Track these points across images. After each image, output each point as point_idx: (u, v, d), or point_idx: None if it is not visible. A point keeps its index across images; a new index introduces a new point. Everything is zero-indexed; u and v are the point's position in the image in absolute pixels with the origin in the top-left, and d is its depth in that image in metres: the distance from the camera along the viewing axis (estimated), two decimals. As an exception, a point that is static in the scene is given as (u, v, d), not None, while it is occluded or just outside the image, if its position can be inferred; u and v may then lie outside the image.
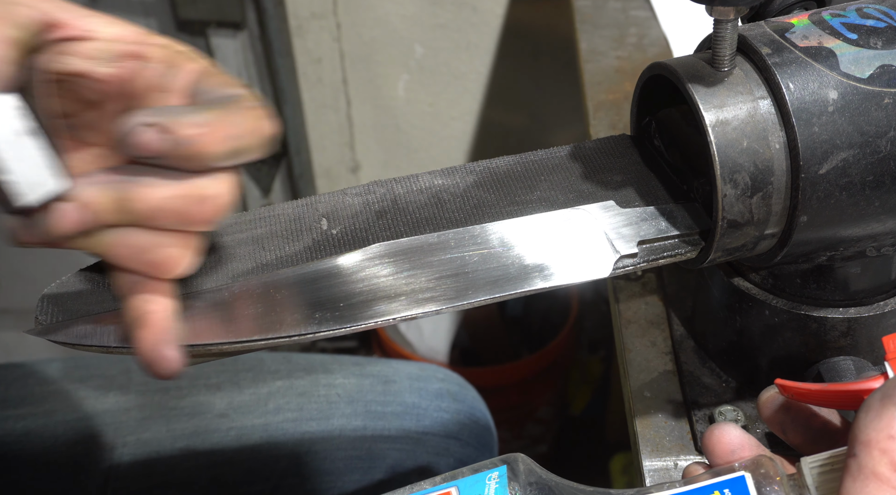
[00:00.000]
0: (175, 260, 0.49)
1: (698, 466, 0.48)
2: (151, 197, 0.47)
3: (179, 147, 0.45)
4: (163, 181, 0.47)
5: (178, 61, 0.50)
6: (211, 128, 0.46)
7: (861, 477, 0.40)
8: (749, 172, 0.53)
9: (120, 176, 0.47)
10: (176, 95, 0.49)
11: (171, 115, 0.45)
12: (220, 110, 0.47)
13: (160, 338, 0.49)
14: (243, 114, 0.47)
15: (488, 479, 0.45)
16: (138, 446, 0.87)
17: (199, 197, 0.47)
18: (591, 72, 0.95)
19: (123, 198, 0.47)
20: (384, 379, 0.96)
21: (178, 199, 0.47)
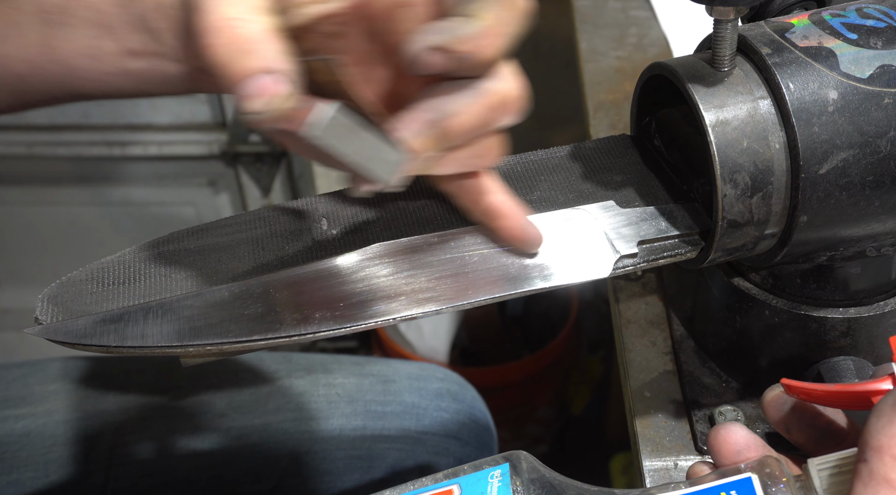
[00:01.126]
0: (491, 153, 0.52)
1: (703, 466, 0.48)
2: (462, 125, 0.49)
3: (464, 61, 0.47)
4: (465, 100, 0.48)
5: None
6: (486, 36, 0.46)
7: (872, 482, 0.40)
8: (749, 172, 0.53)
9: (424, 109, 0.48)
10: (421, 7, 0.49)
11: (448, 33, 0.46)
12: (486, 13, 0.47)
13: (520, 221, 0.53)
14: (505, 5, 0.48)
15: (490, 477, 0.45)
16: (138, 446, 0.87)
17: (500, 102, 0.49)
18: (591, 72, 0.95)
19: (441, 136, 0.48)
20: (384, 378, 0.96)
21: (483, 115, 0.49)
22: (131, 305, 0.52)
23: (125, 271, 0.54)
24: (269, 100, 0.44)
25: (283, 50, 0.45)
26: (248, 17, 0.45)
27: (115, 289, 0.53)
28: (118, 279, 0.53)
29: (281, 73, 0.45)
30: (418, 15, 0.49)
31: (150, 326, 0.51)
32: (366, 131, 0.47)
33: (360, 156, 0.47)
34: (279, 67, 0.45)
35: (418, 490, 0.45)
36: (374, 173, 0.47)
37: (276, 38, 0.46)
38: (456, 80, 0.49)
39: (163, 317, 0.51)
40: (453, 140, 0.49)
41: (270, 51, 0.45)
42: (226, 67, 0.45)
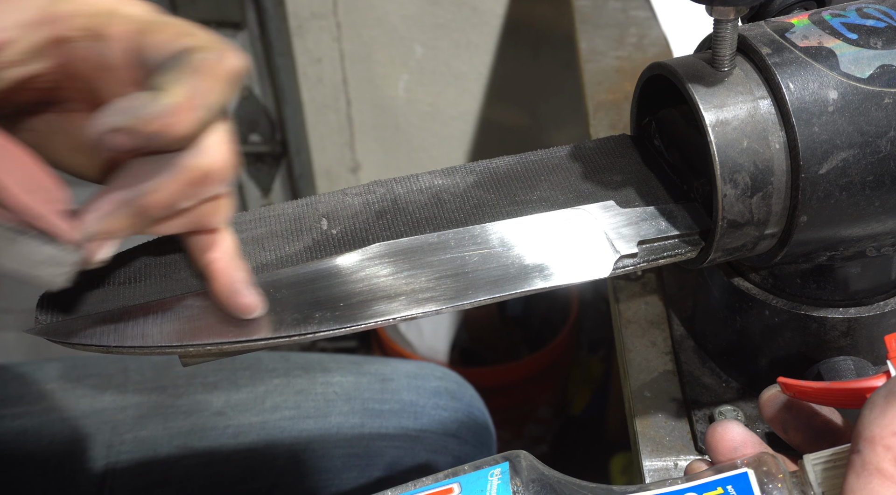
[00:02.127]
0: (212, 215, 0.49)
1: (701, 463, 0.48)
2: (160, 202, 0.46)
3: (153, 140, 0.44)
4: (161, 177, 0.46)
5: (99, 30, 0.46)
6: (176, 112, 0.43)
7: (865, 473, 0.40)
8: (749, 172, 0.53)
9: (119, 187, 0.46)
10: (123, 71, 0.46)
11: (132, 112, 0.43)
12: (177, 86, 0.43)
13: (231, 288, 0.50)
14: (205, 72, 0.44)
15: (490, 476, 0.45)
16: (136, 445, 0.87)
17: (200, 176, 0.47)
18: (591, 72, 0.95)
19: (138, 214, 0.46)
20: (382, 377, 0.96)
21: (182, 190, 0.47)
22: (131, 305, 0.52)
23: (125, 271, 0.54)
24: None
25: None
26: None
27: (115, 289, 0.53)
28: (118, 279, 0.53)
29: None
30: (121, 80, 0.47)
31: (150, 326, 0.51)
32: (19, 239, 0.44)
33: (20, 265, 0.44)
34: None
35: (419, 489, 0.45)
36: (41, 279, 0.45)
37: None
38: (153, 156, 0.46)
39: (163, 317, 0.51)
40: (153, 216, 0.47)
41: None
42: None
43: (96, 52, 0.46)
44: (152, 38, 0.45)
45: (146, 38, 0.46)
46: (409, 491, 0.45)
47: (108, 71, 0.47)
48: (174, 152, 0.46)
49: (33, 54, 0.46)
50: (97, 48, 0.46)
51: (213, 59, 0.44)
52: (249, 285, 0.51)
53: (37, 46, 0.46)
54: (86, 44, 0.46)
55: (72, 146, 0.51)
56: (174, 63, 0.44)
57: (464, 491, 0.44)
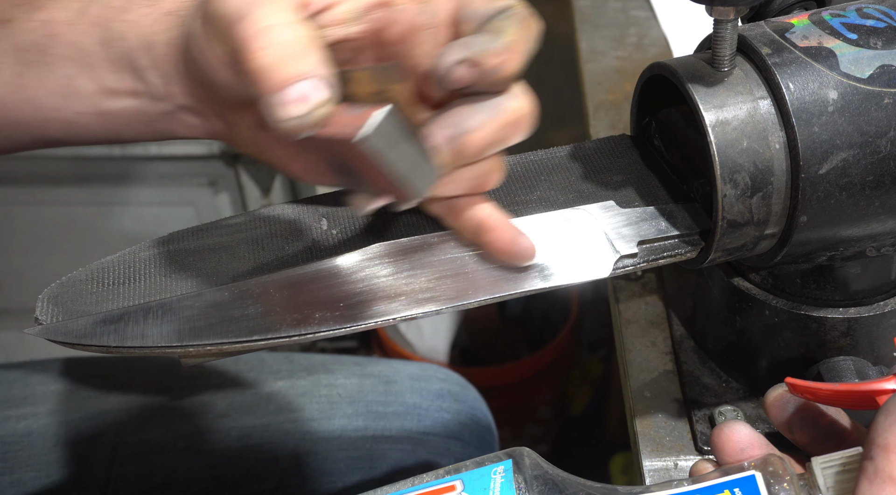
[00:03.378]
0: (493, 175, 0.53)
1: (706, 464, 0.48)
2: (479, 141, 0.50)
3: (489, 75, 0.48)
4: (482, 117, 0.50)
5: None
6: (510, 51, 0.48)
7: (878, 480, 0.40)
8: (749, 172, 0.53)
9: (443, 124, 0.50)
10: (441, 29, 0.51)
11: (476, 48, 0.48)
12: (509, 31, 0.49)
13: (510, 234, 0.53)
14: (523, 25, 0.50)
15: (493, 473, 0.45)
16: (140, 446, 0.87)
17: (514, 119, 0.51)
18: (591, 72, 0.95)
19: (459, 152, 0.50)
20: (385, 379, 0.96)
21: (499, 131, 0.50)
22: (131, 305, 0.52)
23: (125, 271, 0.54)
24: (311, 104, 0.45)
25: (324, 56, 0.46)
26: (293, 23, 0.46)
27: (115, 289, 0.53)
28: (118, 279, 0.53)
29: (325, 77, 0.46)
30: (436, 38, 0.51)
31: (150, 326, 0.51)
32: (411, 139, 0.47)
33: (404, 165, 0.47)
34: (323, 72, 0.46)
35: (421, 486, 0.45)
36: (413, 185, 0.48)
37: (316, 44, 0.46)
38: (472, 97, 0.50)
39: (163, 317, 0.51)
40: (469, 157, 0.50)
41: (315, 56, 0.46)
42: (269, 72, 0.45)
43: (420, 13, 0.50)
44: (473, 3, 0.50)
45: (467, 4, 0.51)
46: (411, 487, 0.45)
47: (426, 32, 0.51)
48: (493, 95, 0.50)
49: (356, 16, 0.50)
50: (422, 9, 0.50)
51: (529, 15, 0.50)
52: (521, 233, 0.53)
53: (361, 8, 0.50)
54: (410, 6, 0.50)
55: None
56: (505, 14, 0.50)
57: (467, 488, 0.44)
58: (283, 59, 0.45)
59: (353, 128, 0.46)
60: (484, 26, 0.49)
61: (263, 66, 0.45)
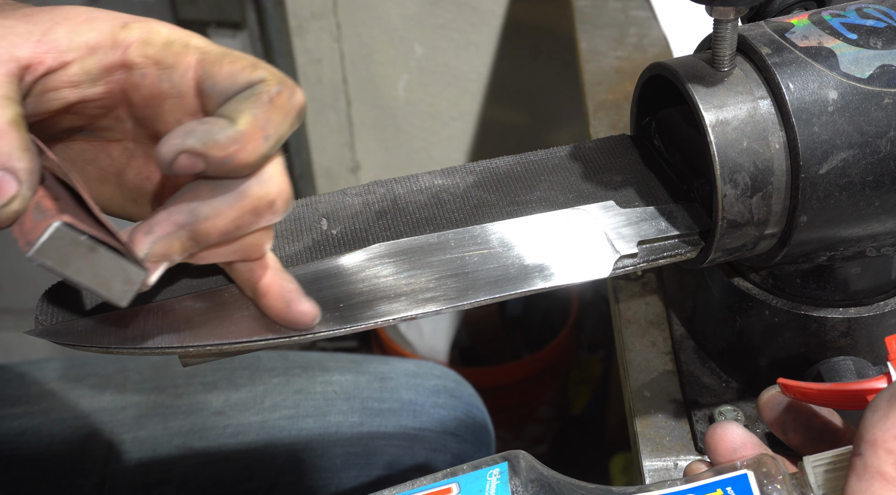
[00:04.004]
0: (256, 248, 0.49)
1: (700, 464, 0.48)
2: (216, 228, 0.46)
3: (221, 166, 0.44)
4: (221, 203, 0.46)
5: (169, 59, 0.47)
6: (244, 140, 0.44)
7: (866, 476, 0.40)
8: (749, 172, 0.53)
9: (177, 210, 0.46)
10: (187, 99, 0.47)
11: (199, 138, 0.43)
12: (244, 116, 0.44)
13: (283, 300, 0.50)
14: (272, 104, 0.45)
15: (489, 475, 0.45)
16: (135, 444, 0.87)
17: (259, 205, 0.47)
18: (591, 72, 0.95)
19: (193, 238, 0.46)
20: (381, 376, 0.96)
21: (240, 218, 0.47)
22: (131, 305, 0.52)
23: (125, 271, 0.54)
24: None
25: (22, 145, 0.43)
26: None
27: (115, 288, 0.53)
28: (118, 279, 0.53)
29: (15, 171, 0.42)
30: (182, 107, 0.47)
31: (150, 326, 0.51)
32: (97, 249, 0.43)
33: (90, 277, 0.43)
34: (13, 165, 0.42)
35: (417, 489, 0.45)
36: (107, 296, 0.44)
37: (14, 131, 0.43)
38: (214, 180, 0.46)
39: (163, 318, 0.51)
40: (207, 242, 0.47)
41: (6, 146, 0.42)
42: None
43: (161, 81, 0.47)
44: (221, 68, 0.46)
45: (215, 69, 0.46)
46: (408, 490, 0.45)
47: (171, 100, 0.47)
48: (235, 179, 0.46)
49: (92, 78, 0.46)
50: (163, 77, 0.47)
51: (284, 94, 0.45)
52: (301, 294, 0.51)
53: (97, 70, 0.46)
54: (151, 72, 0.47)
55: (100, 176, 0.52)
56: (246, 94, 0.45)
57: (462, 491, 0.44)
58: None
59: (26, 240, 0.42)
60: (222, 107, 0.45)
61: None
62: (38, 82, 0.45)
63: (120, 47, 0.46)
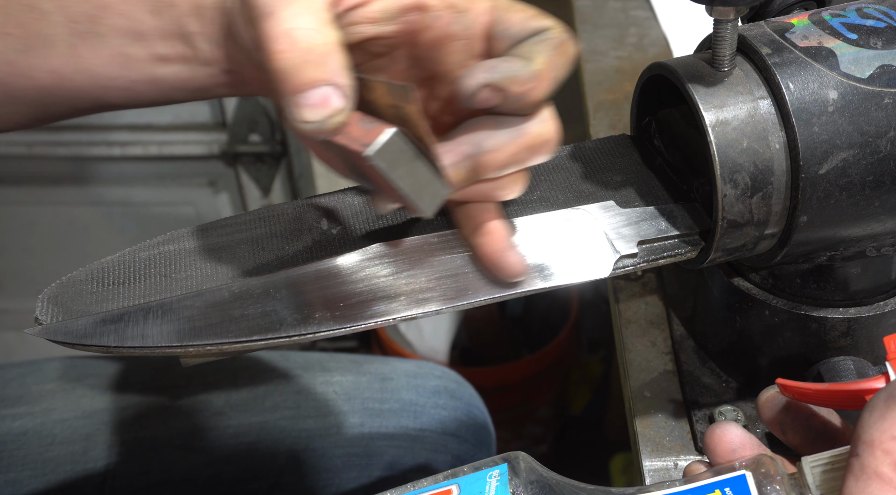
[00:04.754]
0: (513, 186, 0.52)
1: (699, 465, 0.48)
2: (496, 161, 0.50)
3: (513, 101, 0.48)
4: (503, 138, 0.49)
5: (463, 3, 0.50)
6: (539, 79, 0.48)
7: (864, 476, 0.40)
8: (749, 172, 0.53)
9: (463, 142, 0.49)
10: (475, 41, 0.50)
11: (502, 73, 0.47)
12: (539, 57, 0.48)
13: (503, 244, 0.53)
14: (558, 51, 0.49)
15: (489, 477, 0.45)
16: (136, 444, 0.87)
17: (536, 144, 0.50)
18: (591, 72, 0.95)
19: (474, 169, 0.50)
20: (382, 376, 0.96)
21: (518, 154, 0.50)
22: (131, 305, 0.52)
23: (125, 271, 0.54)
24: (327, 112, 0.46)
25: (347, 65, 0.46)
26: (317, 27, 0.46)
27: (115, 289, 0.53)
28: (118, 279, 0.53)
29: (342, 87, 0.46)
30: (469, 49, 0.51)
31: (150, 326, 0.51)
32: (418, 160, 0.48)
33: (409, 184, 0.47)
34: (341, 82, 0.46)
35: (417, 491, 0.45)
36: (418, 204, 0.48)
37: (340, 51, 0.47)
38: (497, 116, 0.50)
39: (163, 317, 0.51)
40: (485, 174, 0.50)
41: (335, 64, 0.46)
42: (289, 75, 0.46)
43: (453, 24, 0.50)
44: (510, 15, 0.50)
45: (504, 16, 0.50)
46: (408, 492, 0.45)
47: (458, 42, 0.51)
48: (517, 117, 0.50)
49: (390, 16, 0.50)
50: (456, 20, 0.50)
51: (566, 40, 0.50)
52: (516, 249, 0.53)
53: (396, 9, 0.49)
54: (446, 14, 0.50)
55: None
56: (537, 39, 0.49)
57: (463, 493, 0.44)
58: (302, 64, 0.45)
59: (361, 143, 0.46)
60: (515, 48, 0.49)
61: (282, 69, 0.46)
62: (343, 15, 0.49)
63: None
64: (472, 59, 0.51)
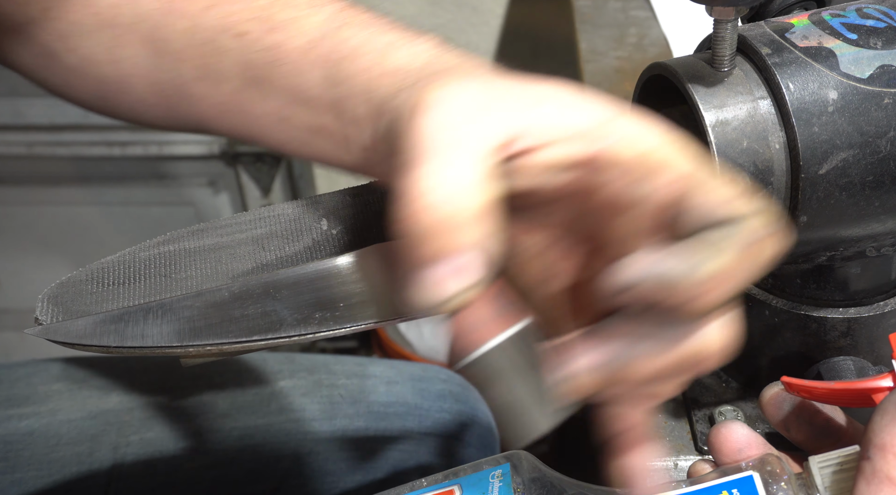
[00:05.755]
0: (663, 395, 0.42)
1: (704, 464, 0.48)
2: (640, 374, 0.40)
3: (676, 307, 0.37)
4: (653, 348, 0.39)
5: (644, 171, 0.39)
6: (711, 284, 0.36)
7: (875, 480, 0.40)
8: (749, 172, 0.53)
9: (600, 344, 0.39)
10: (645, 217, 0.39)
11: (661, 275, 0.36)
12: (723, 255, 0.36)
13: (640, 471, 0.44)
14: (749, 251, 0.37)
15: (491, 477, 0.45)
16: (141, 446, 0.87)
17: (696, 357, 0.40)
18: (591, 72, 0.95)
19: (611, 380, 0.40)
20: (387, 379, 0.96)
21: (670, 368, 0.40)
22: (131, 305, 0.52)
23: (125, 271, 0.54)
24: (456, 288, 0.37)
25: (494, 230, 0.38)
26: (469, 186, 0.37)
27: (115, 289, 0.53)
28: (118, 279, 0.53)
29: (480, 257, 0.37)
30: (637, 223, 0.40)
31: (150, 326, 0.51)
32: (521, 373, 0.39)
33: (502, 401, 0.39)
34: (480, 252, 0.37)
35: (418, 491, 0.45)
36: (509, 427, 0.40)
37: (490, 215, 0.38)
38: (649, 318, 0.39)
39: (163, 317, 0.51)
40: (620, 385, 0.40)
41: (478, 232, 0.37)
42: (419, 241, 0.37)
43: (625, 192, 0.40)
44: (699, 198, 0.39)
45: (691, 196, 0.39)
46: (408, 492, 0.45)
47: (627, 213, 0.40)
48: (675, 321, 0.39)
49: (561, 168, 0.40)
50: (630, 189, 0.39)
51: (764, 237, 0.38)
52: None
53: (569, 162, 0.39)
54: (620, 180, 0.39)
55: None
56: (723, 233, 0.37)
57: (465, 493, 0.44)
58: (440, 232, 0.37)
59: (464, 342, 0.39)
60: (699, 236, 0.37)
61: (413, 232, 0.37)
62: (508, 161, 0.39)
63: (599, 141, 0.39)
64: (640, 235, 0.40)
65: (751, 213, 0.38)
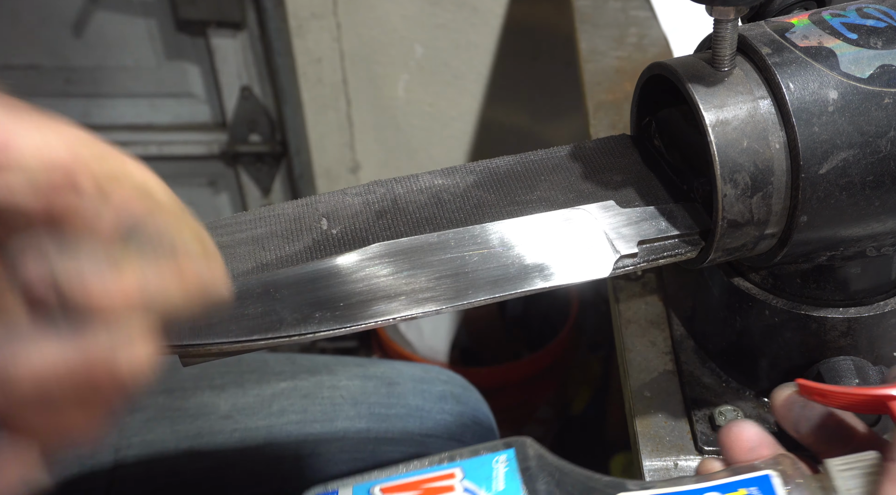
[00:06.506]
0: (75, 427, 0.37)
1: (714, 462, 0.48)
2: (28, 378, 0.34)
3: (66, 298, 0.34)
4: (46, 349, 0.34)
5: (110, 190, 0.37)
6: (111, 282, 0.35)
7: None
8: (749, 172, 0.53)
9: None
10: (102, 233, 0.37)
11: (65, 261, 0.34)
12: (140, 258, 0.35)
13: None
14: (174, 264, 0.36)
15: (495, 462, 0.44)
16: (143, 447, 0.87)
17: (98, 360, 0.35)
18: (591, 72, 0.95)
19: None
20: (388, 381, 0.96)
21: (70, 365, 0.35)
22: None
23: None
24: None
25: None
26: None
27: (116, 289, 0.53)
28: (118, 279, 0.53)
29: None
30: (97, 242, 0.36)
31: (150, 326, 0.51)
32: None
33: None
34: None
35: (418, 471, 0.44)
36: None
37: None
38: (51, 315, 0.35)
39: (163, 317, 0.51)
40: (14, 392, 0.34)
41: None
42: None
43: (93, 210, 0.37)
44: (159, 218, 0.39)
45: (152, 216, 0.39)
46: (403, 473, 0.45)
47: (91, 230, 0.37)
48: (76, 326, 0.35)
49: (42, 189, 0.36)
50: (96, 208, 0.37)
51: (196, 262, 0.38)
52: None
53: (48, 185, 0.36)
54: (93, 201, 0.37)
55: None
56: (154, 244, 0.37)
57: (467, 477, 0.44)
58: None
59: None
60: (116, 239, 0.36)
61: None
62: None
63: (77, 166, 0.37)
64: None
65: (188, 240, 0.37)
